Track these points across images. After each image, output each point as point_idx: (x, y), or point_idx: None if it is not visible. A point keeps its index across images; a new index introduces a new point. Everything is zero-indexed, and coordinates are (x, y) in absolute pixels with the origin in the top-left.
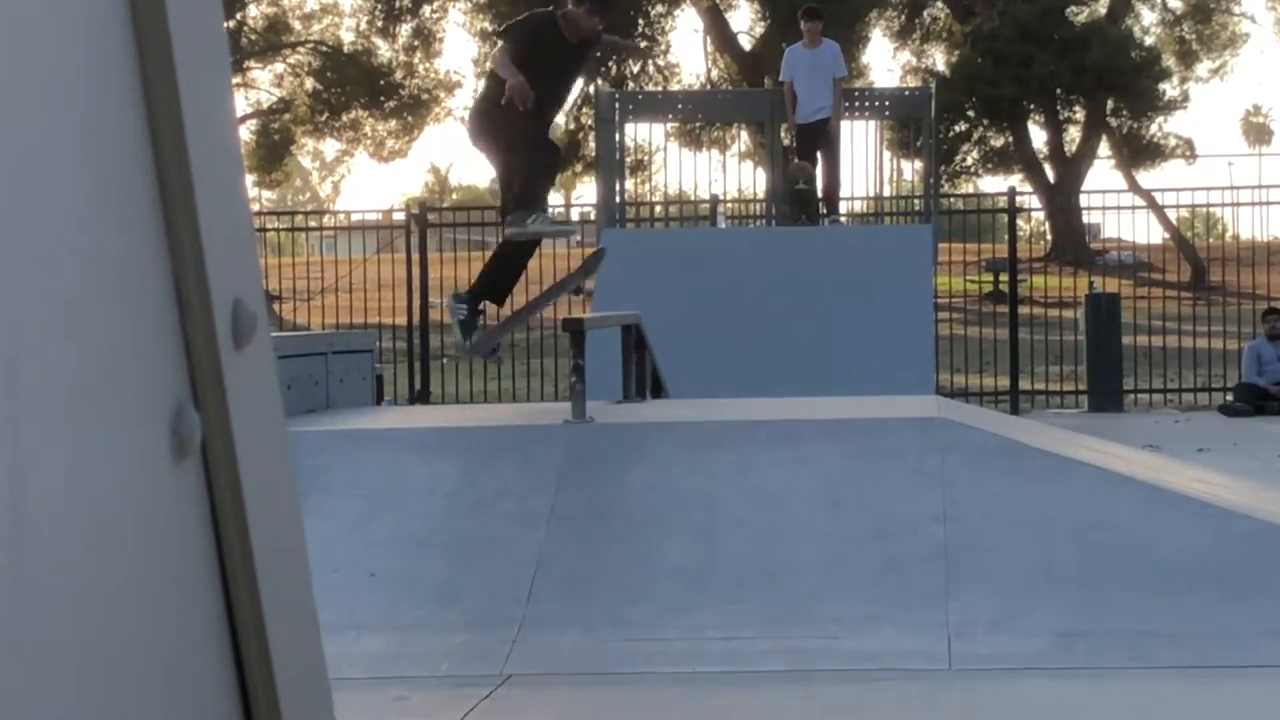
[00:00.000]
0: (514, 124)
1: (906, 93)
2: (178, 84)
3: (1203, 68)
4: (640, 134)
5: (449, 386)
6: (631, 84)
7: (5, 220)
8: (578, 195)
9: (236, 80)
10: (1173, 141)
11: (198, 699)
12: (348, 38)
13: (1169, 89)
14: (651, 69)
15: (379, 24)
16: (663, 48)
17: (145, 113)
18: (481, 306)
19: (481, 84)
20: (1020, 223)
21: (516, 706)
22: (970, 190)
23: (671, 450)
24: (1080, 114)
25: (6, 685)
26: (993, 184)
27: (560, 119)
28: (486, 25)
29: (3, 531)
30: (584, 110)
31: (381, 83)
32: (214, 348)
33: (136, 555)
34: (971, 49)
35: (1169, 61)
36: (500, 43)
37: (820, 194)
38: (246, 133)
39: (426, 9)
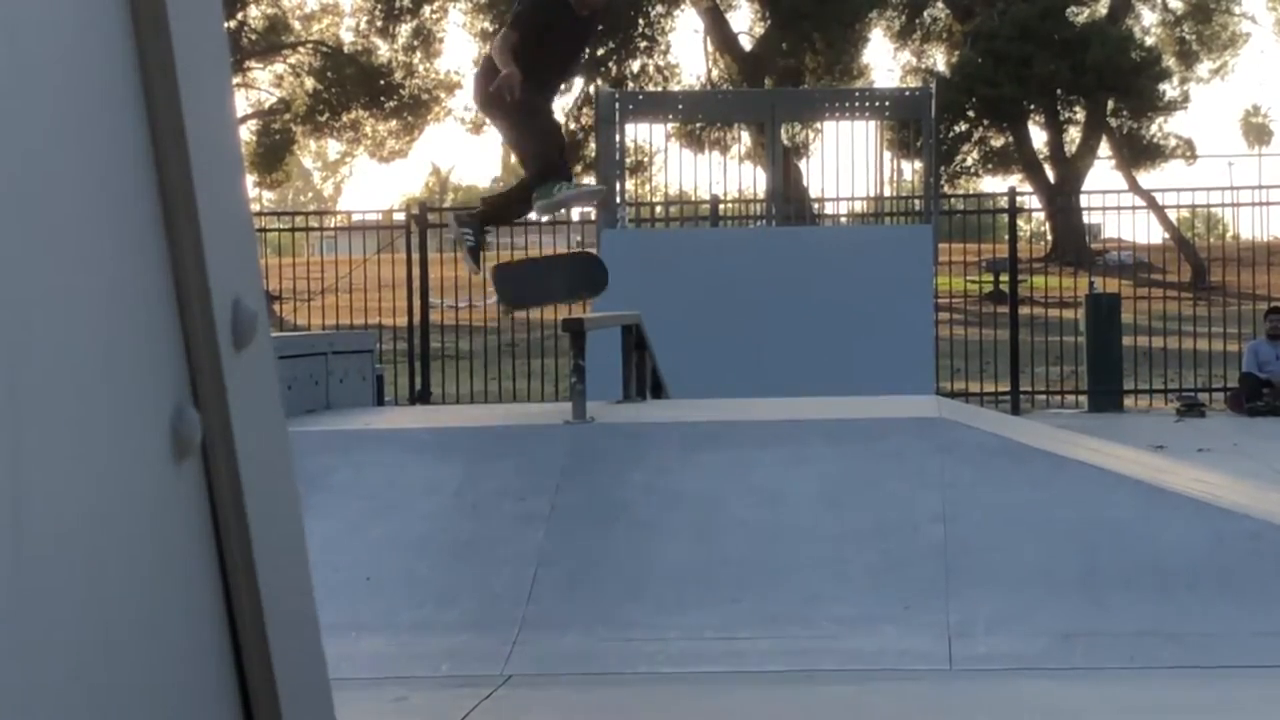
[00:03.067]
0: (519, 99)
1: (906, 93)
2: (178, 84)
3: (1203, 68)
4: (640, 134)
5: (449, 386)
6: (632, 84)
7: (5, 221)
8: None
9: (236, 80)
10: (1173, 142)
11: (198, 699)
12: (348, 38)
13: (1169, 89)
14: (651, 69)
15: (379, 24)
16: (663, 48)
17: (145, 113)
18: (487, 229)
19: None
20: (1020, 223)
21: (517, 707)
22: (970, 190)
23: (671, 450)
24: (1080, 114)
25: (8, 684)
26: (993, 184)
27: (561, 119)
28: (487, 25)
29: (4, 531)
30: (584, 111)
31: (381, 83)
32: (214, 348)
33: (137, 555)
34: (971, 49)
35: (1169, 62)
36: (505, 30)
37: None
38: (246, 133)
39: (426, 9)
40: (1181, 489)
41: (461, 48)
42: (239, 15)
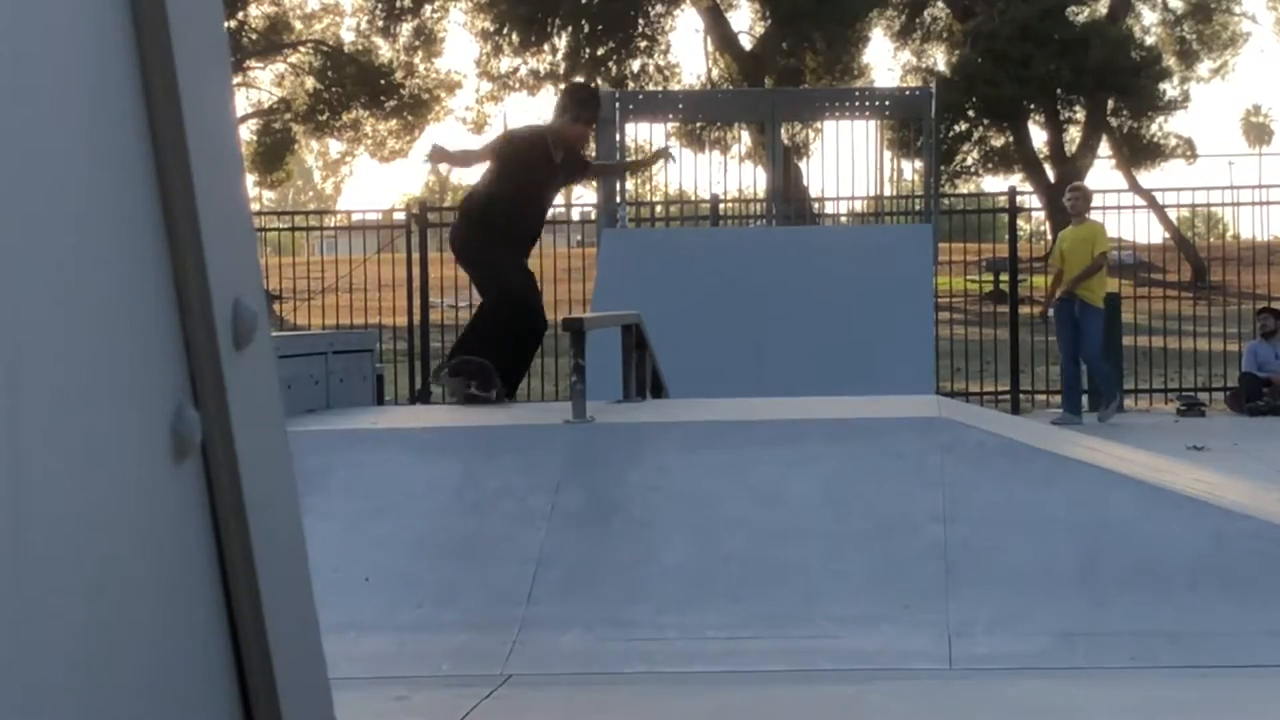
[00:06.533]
0: (495, 254)
1: (907, 93)
2: (178, 84)
3: (1203, 67)
4: (640, 134)
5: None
6: (632, 84)
7: (5, 220)
8: (578, 195)
9: (237, 80)
10: (1173, 141)
11: (198, 699)
12: (348, 37)
13: (1169, 89)
14: (651, 69)
15: (379, 24)
16: (663, 47)
17: (145, 113)
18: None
19: (477, 190)
20: (1020, 222)
21: (517, 706)
22: (970, 190)
23: (671, 450)
24: (1080, 114)
25: (8, 684)
26: (993, 184)
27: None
28: (487, 25)
29: (4, 532)
30: None
31: (382, 82)
32: (214, 348)
33: (137, 555)
34: (971, 49)
35: (1169, 61)
36: (494, 143)
37: None
38: (246, 133)
39: (427, 9)
40: (1181, 489)
41: (462, 47)
42: (239, 15)
